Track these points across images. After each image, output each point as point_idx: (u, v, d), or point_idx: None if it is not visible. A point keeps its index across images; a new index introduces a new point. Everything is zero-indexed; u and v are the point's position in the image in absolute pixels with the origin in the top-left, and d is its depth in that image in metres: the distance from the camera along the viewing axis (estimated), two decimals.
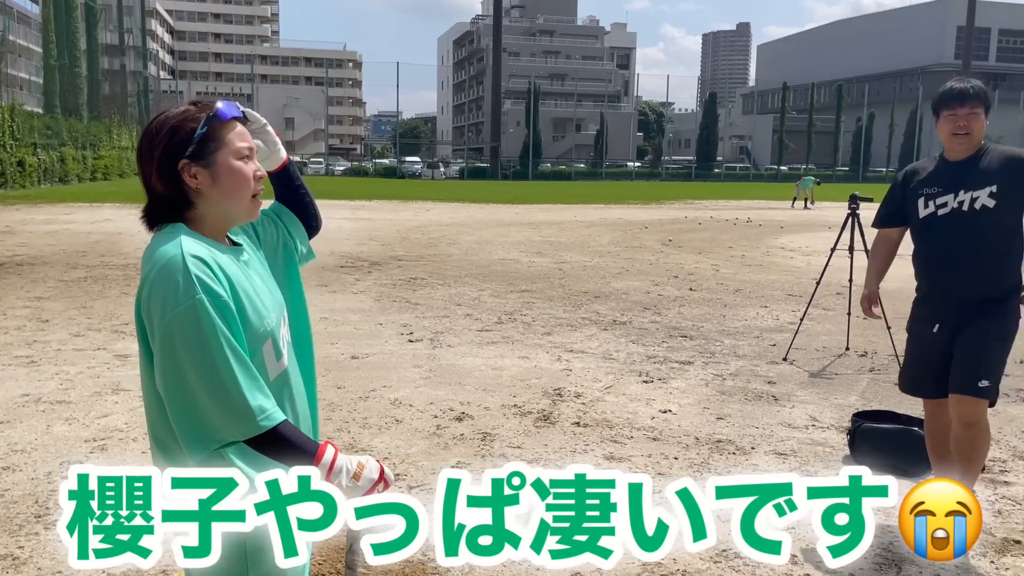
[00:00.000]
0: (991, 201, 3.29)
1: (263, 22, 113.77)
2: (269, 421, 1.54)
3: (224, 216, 1.67)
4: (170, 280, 1.50)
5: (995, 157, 3.35)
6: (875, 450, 4.23)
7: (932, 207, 3.41)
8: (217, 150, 1.62)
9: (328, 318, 7.89)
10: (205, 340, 1.49)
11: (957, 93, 3.34)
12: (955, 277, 3.39)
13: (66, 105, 38.67)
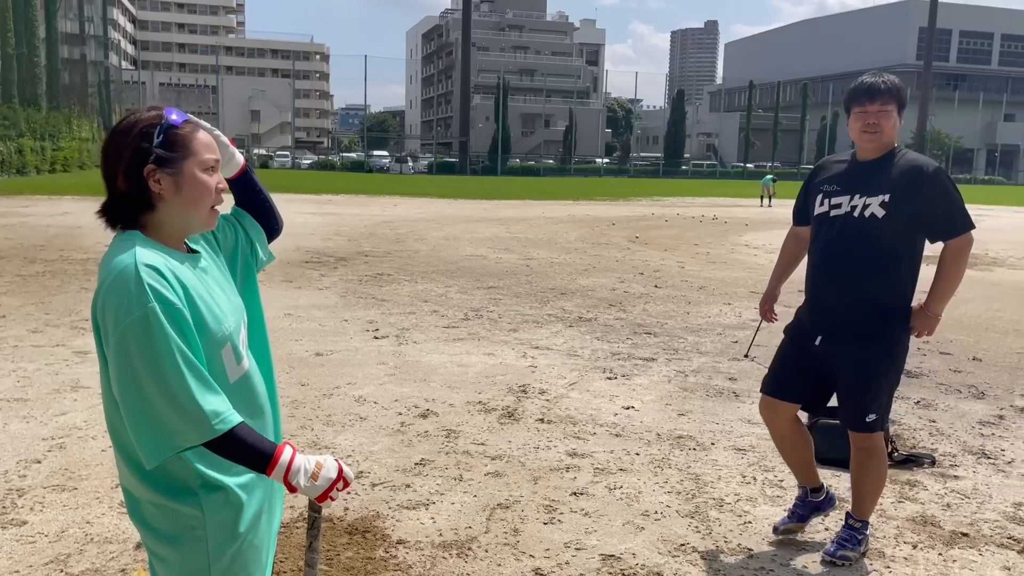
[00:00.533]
0: (880, 211, 3.03)
1: (228, 12, 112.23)
2: (224, 424, 1.56)
3: (183, 223, 1.70)
4: (123, 289, 1.52)
5: (900, 164, 3.09)
6: (831, 446, 4.32)
7: (827, 206, 3.18)
8: (185, 159, 1.65)
9: (292, 314, 7.85)
10: (157, 348, 1.51)
11: (867, 88, 3.08)
12: (836, 286, 3.14)
13: (24, 95, 37.82)
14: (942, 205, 3.04)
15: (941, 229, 3.08)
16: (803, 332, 3.27)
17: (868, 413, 3.09)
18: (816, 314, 3.22)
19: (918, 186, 3.01)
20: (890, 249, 3.06)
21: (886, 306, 3.10)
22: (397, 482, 3.91)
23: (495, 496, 3.78)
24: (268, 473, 1.60)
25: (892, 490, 4.00)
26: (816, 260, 3.21)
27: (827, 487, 3.52)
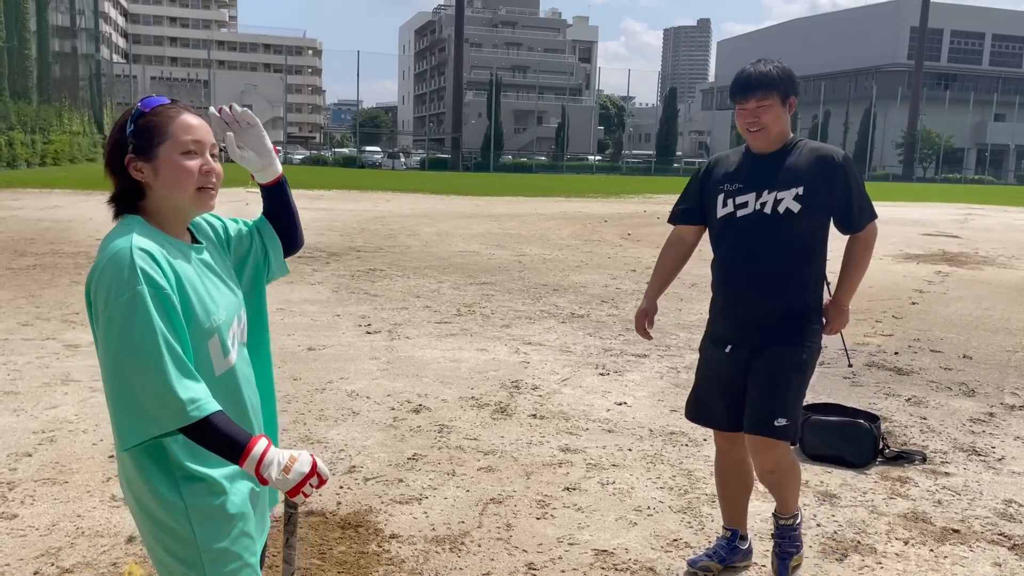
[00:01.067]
0: (796, 205, 2.80)
1: (220, 6, 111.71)
2: (199, 411, 1.56)
3: (173, 208, 1.72)
4: (116, 270, 1.56)
5: (805, 154, 2.86)
6: (822, 442, 4.34)
7: (731, 206, 2.89)
8: (160, 144, 1.67)
9: (285, 309, 7.82)
10: (140, 330, 1.53)
11: (742, 84, 2.83)
12: (751, 290, 2.87)
13: (15, 88, 37.52)
14: (856, 193, 2.87)
15: (857, 218, 2.90)
16: (714, 347, 3.03)
17: (778, 416, 2.82)
18: (729, 323, 2.96)
19: (830, 176, 2.82)
20: (806, 246, 2.87)
21: (801, 307, 2.89)
22: (390, 477, 3.91)
23: (488, 491, 3.78)
24: (240, 464, 1.59)
25: (884, 487, 4.02)
26: (728, 266, 2.94)
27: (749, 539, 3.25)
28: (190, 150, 1.69)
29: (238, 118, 1.86)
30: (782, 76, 2.82)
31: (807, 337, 2.89)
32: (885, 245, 16.31)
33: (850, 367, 6.37)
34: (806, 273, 2.89)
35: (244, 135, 1.87)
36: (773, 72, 2.81)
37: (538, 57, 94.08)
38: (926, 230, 20.09)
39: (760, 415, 2.85)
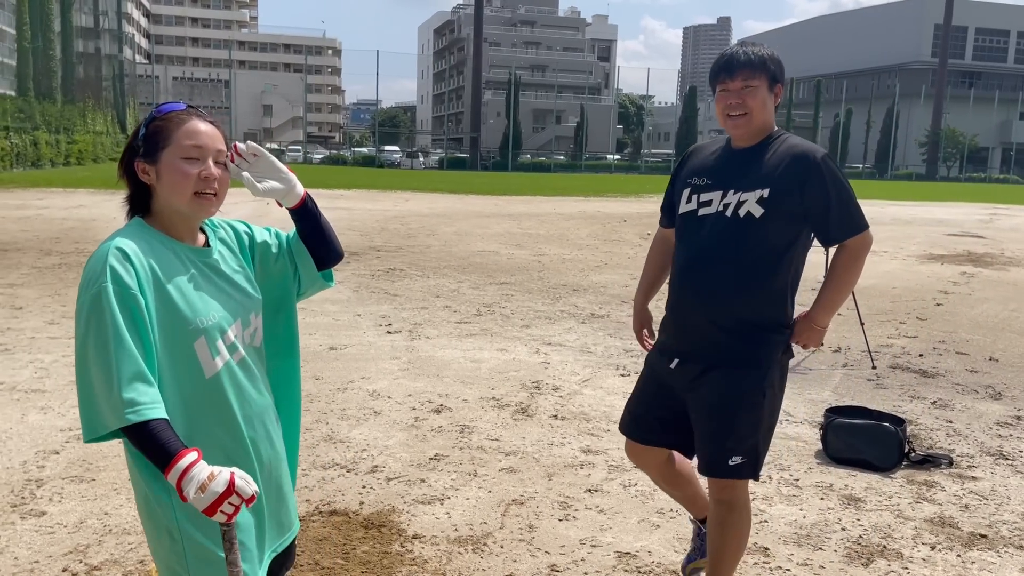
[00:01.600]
0: (758, 209, 2.46)
1: (241, 7, 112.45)
2: (136, 416, 1.56)
3: (174, 211, 1.76)
4: (91, 267, 1.65)
5: (780, 151, 2.52)
6: (847, 445, 4.31)
7: (695, 203, 2.59)
8: (164, 148, 1.73)
9: (306, 308, 7.86)
10: (97, 326, 1.59)
11: (725, 62, 2.52)
12: (700, 300, 2.55)
13: (39, 88, 38.01)
14: (836, 199, 2.48)
15: (836, 228, 2.52)
16: (660, 357, 2.70)
17: (732, 455, 2.49)
18: (676, 332, 2.65)
19: (804, 178, 2.46)
20: (769, 256, 2.50)
21: (761, 325, 2.52)
22: (412, 477, 3.92)
23: (510, 492, 3.78)
24: (166, 475, 1.57)
25: (910, 491, 3.98)
26: (680, 269, 2.64)
27: None
28: (191, 156, 1.73)
29: (244, 155, 1.85)
30: (772, 59, 2.53)
31: (769, 360, 2.52)
32: (909, 245, 16.15)
33: (874, 369, 6.31)
34: (771, 287, 2.50)
35: (257, 166, 1.87)
36: (763, 53, 2.53)
37: (557, 56, 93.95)
38: (950, 230, 19.87)
39: (712, 455, 2.54)
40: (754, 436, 2.52)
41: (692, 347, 2.58)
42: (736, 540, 2.67)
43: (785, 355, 2.59)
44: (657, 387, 2.72)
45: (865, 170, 75.80)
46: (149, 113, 1.78)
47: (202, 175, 1.74)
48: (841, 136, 76.38)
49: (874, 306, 9.02)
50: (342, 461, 4.07)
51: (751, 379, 2.51)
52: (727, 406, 2.51)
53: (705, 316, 2.54)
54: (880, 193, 41.82)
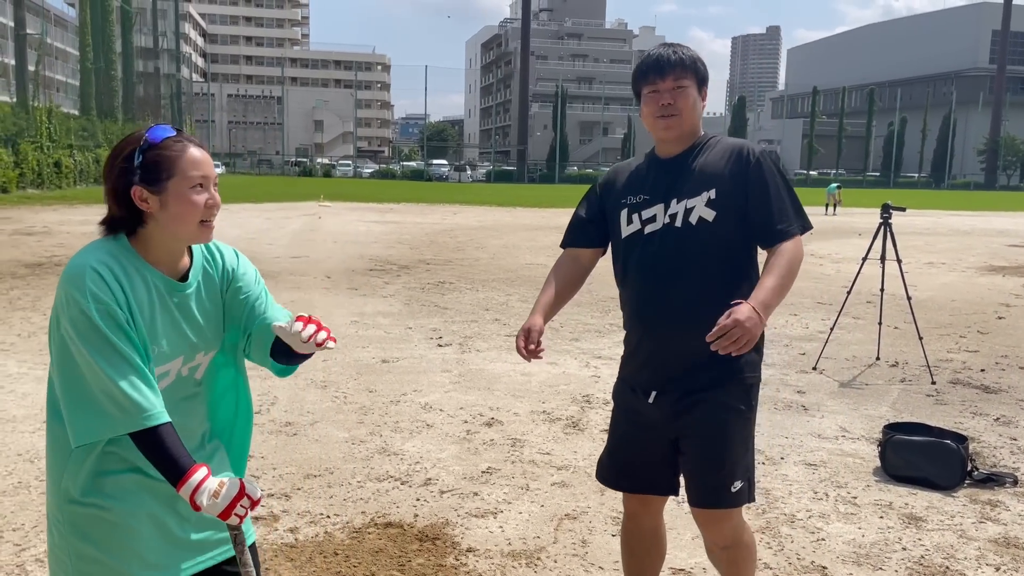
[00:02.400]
0: (709, 212, 2.31)
1: (293, 25, 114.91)
2: (150, 421, 1.65)
3: (171, 238, 1.78)
4: (70, 283, 1.66)
5: (717, 150, 2.39)
6: (906, 463, 4.22)
7: (637, 222, 2.40)
8: (170, 178, 1.73)
9: (359, 321, 7.98)
10: (89, 338, 1.63)
11: (654, 61, 2.38)
12: (670, 322, 2.35)
13: (101, 107, 39.36)
14: (774, 195, 2.32)
15: (774, 228, 2.31)
16: (634, 395, 2.47)
17: (734, 481, 2.33)
18: (645, 364, 2.43)
19: (743, 173, 2.32)
20: (728, 260, 2.35)
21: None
22: (465, 490, 3.95)
23: (562, 506, 3.79)
24: (178, 488, 1.65)
25: (973, 510, 3.88)
26: (635, 293, 2.43)
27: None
28: (198, 184, 1.75)
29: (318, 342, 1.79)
30: (698, 60, 2.40)
31: (745, 371, 2.35)
32: (968, 257, 15.74)
33: (933, 384, 6.17)
34: (736, 293, 2.27)
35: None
36: (692, 53, 2.40)
37: (604, 68, 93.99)
38: (1011, 241, 19.30)
39: (710, 484, 2.35)
40: (747, 455, 2.39)
41: (669, 375, 2.37)
42: (751, 570, 2.53)
43: (758, 362, 2.39)
44: (636, 428, 2.47)
45: (921, 179, 74.09)
46: (138, 137, 1.74)
47: (208, 203, 1.77)
48: (895, 145, 74.82)
49: (933, 319, 8.81)
50: (396, 473, 4.13)
51: (735, 398, 2.35)
52: (719, 433, 2.33)
53: (677, 338, 2.34)
54: (937, 203, 40.82)
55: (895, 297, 7.62)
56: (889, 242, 6.64)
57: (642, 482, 2.51)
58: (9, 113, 28.97)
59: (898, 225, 7.58)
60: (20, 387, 5.42)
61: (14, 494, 3.73)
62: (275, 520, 3.53)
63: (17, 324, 7.39)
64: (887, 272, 6.78)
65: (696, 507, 2.39)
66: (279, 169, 67.46)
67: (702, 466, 2.36)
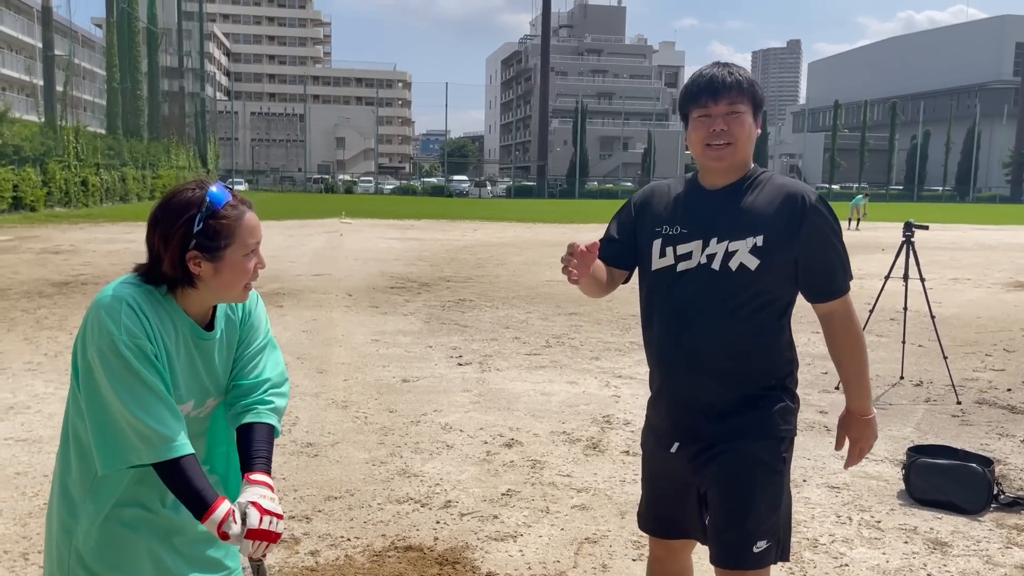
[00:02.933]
0: (752, 260, 2.09)
1: (315, 44, 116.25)
2: (172, 452, 1.67)
3: (214, 299, 1.81)
4: (103, 311, 1.68)
5: (768, 191, 2.16)
6: (931, 486, 4.16)
7: (671, 256, 2.19)
8: (228, 246, 1.74)
9: (379, 340, 8.02)
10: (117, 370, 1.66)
11: (707, 82, 2.14)
12: (697, 372, 2.16)
13: (127, 126, 39.98)
14: (831, 252, 2.15)
15: (827, 287, 2.16)
16: (656, 442, 2.33)
17: (756, 540, 2.13)
18: (669, 412, 2.26)
19: (797, 222, 2.11)
20: (764, 311, 2.15)
21: (768, 387, 2.17)
22: (485, 513, 3.95)
23: (583, 530, 3.78)
24: (203, 520, 1.68)
25: (999, 535, 3.82)
26: (661, 335, 2.23)
27: None
28: (253, 249, 1.78)
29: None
30: (755, 83, 2.18)
31: (778, 423, 2.17)
32: (994, 272, 15.54)
33: (958, 404, 6.09)
34: (771, 346, 2.17)
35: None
36: (749, 75, 2.18)
37: (623, 83, 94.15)
38: None
39: (730, 542, 2.15)
40: (776, 513, 2.17)
41: (691, 425, 2.20)
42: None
43: (793, 419, 2.22)
44: (662, 477, 2.33)
45: (945, 193, 73.38)
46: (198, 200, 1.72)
47: (256, 268, 1.80)
48: (919, 158, 74.23)
49: (957, 337, 8.71)
50: (416, 496, 4.14)
51: (766, 450, 2.15)
52: (744, 488, 2.13)
53: (703, 388, 2.17)
54: (962, 217, 40.39)
55: (919, 314, 7.54)
56: (912, 260, 6.58)
57: (671, 529, 2.36)
58: (37, 133, 29.49)
59: (922, 240, 7.52)
60: (47, 407, 5.50)
61: (40, 515, 3.77)
62: (296, 543, 3.55)
63: (44, 343, 7.51)
64: (910, 289, 6.72)
65: (718, 567, 2.19)
66: (301, 186, 68.09)
67: (722, 522, 2.16)
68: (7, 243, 17.12)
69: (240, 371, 1.91)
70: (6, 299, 9.91)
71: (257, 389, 1.90)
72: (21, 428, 5.05)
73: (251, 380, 1.90)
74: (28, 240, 17.92)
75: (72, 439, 1.78)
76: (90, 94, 52.07)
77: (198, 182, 1.78)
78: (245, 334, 1.93)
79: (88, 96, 51.41)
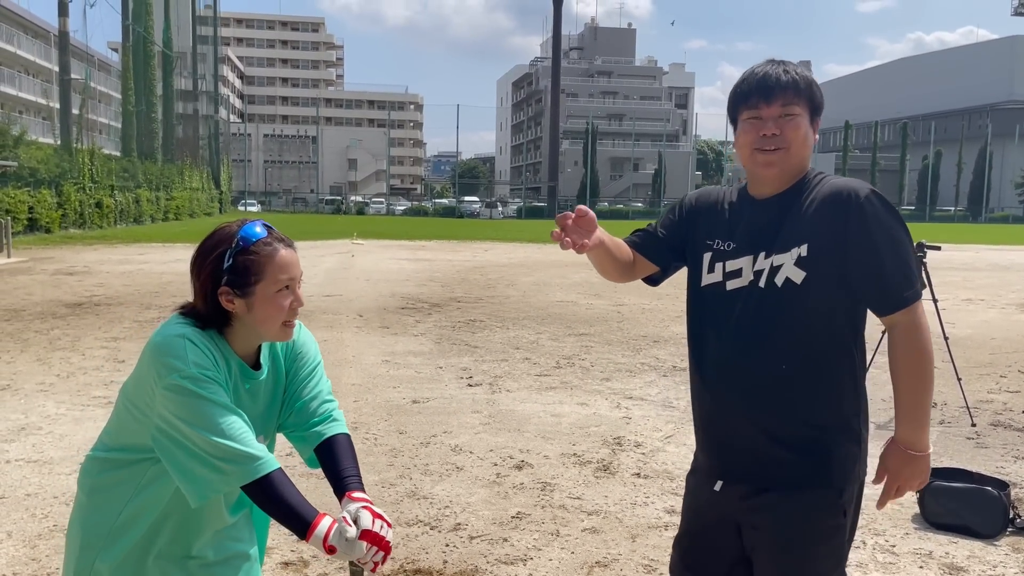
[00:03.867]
0: (798, 273, 1.87)
1: (328, 66, 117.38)
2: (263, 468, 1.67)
3: (254, 337, 1.82)
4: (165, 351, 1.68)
5: (819, 195, 1.92)
6: (947, 510, 4.11)
7: (719, 273, 2.00)
8: (258, 282, 1.75)
9: (390, 360, 8.02)
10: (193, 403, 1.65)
11: (759, 81, 1.93)
12: (745, 400, 1.94)
13: (142, 148, 40.37)
14: (888, 251, 1.86)
15: (887, 293, 1.88)
16: (700, 479, 2.11)
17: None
18: (715, 447, 2.05)
19: (843, 223, 1.86)
20: (822, 330, 1.90)
21: (827, 427, 1.92)
22: (494, 535, 3.92)
23: (593, 553, 3.74)
24: (307, 538, 1.67)
25: (1016, 560, 3.77)
26: (707, 357, 2.04)
27: None
28: (285, 286, 1.78)
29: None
30: (813, 83, 1.96)
31: (838, 468, 1.92)
32: (1008, 293, 15.43)
33: (973, 426, 6.03)
34: (829, 374, 1.91)
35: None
36: (806, 74, 1.97)
37: (634, 105, 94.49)
38: None
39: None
40: (836, 572, 1.96)
41: (739, 464, 1.98)
42: None
43: (858, 468, 1.96)
44: (704, 513, 2.07)
45: (957, 213, 73.07)
46: (230, 236, 1.76)
47: (293, 306, 1.81)
48: (931, 178, 74.05)
49: (972, 358, 8.63)
50: (425, 518, 4.12)
51: (826, 501, 1.90)
52: (799, 540, 1.89)
53: (753, 423, 1.94)
54: (975, 237, 40.18)
55: (933, 335, 7.49)
56: (925, 280, 6.54)
57: (696, 566, 2.09)
58: (53, 155, 29.83)
59: (936, 260, 7.47)
60: (58, 428, 5.52)
61: (49, 537, 3.78)
62: (305, 566, 3.54)
63: (56, 364, 7.54)
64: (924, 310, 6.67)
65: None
66: (313, 207, 68.48)
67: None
68: (22, 264, 17.27)
69: (294, 395, 1.94)
70: (20, 320, 9.98)
71: (315, 403, 1.94)
72: (32, 449, 5.06)
73: (307, 399, 1.94)
74: (43, 261, 18.07)
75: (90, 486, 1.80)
76: (106, 117, 52.69)
77: (239, 221, 1.81)
78: (291, 365, 1.94)
79: (104, 119, 52.00)
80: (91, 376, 7.10)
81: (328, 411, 1.95)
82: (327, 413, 1.94)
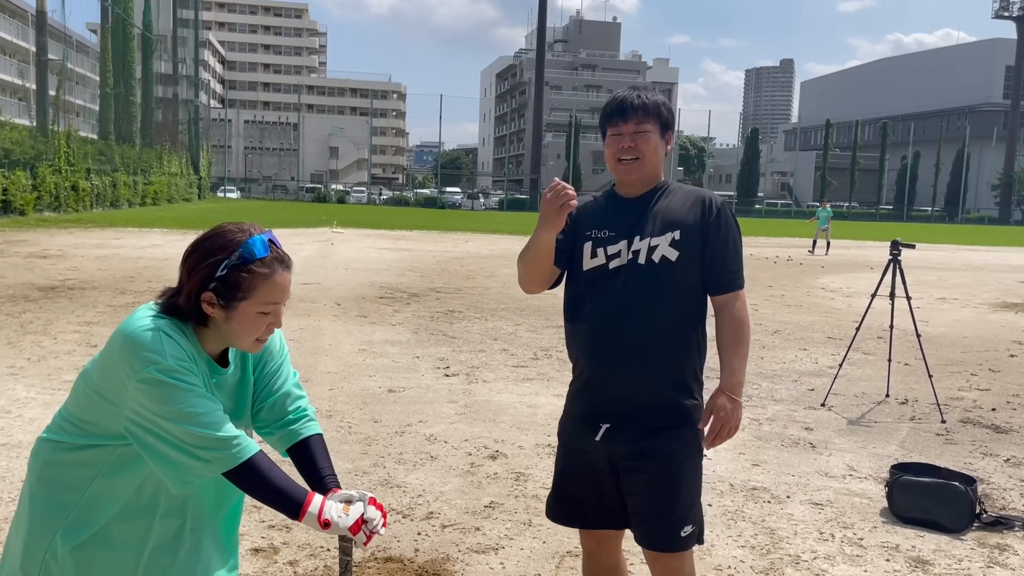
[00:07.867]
0: (672, 252, 2.37)
1: (311, 53, 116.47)
2: (242, 453, 1.68)
3: (224, 343, 1.82)
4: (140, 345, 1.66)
5: (678, 197, 2.46)
6: (914, 505, 4.17)
7: (602, 256, 2.42)
8: (244, 300, 1.74)
9: (367, 350, 7.99)
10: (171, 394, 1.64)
11: (617, 105, 2.45)
12: (628, 358, 2.37)
13: (120, 132, 39.86)
14: (730, 247, 2.44)
15: (725, 278, 2.43)
16: (580, 430, 2.47)
17: (685, 524, 2.36)
18: (596, 400, 2.43)
19: (704, 220, 2.41)
20: (686, 300, 2.41)
21: (687, 379, 2.42)
22: (467, 524, 3.93)
23: (564, 543, 3.76)
24: (300, 519, 1.68)
25: (981, 554, 3.83)
26: (594, 327, 2.41)
27: None
28: (267, 310, 1.78)
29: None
30: (663, 105, 2.47)
31: (694, 414, 2.42)
32: (981, 292, 15.63)
33: (943, 423, 6.11)
34: (690, 336, 2.42)
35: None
36: (656, 98, 2.47)
37: None
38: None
39: (660, 529, 2.37)
40: (696, 501, 2.42)
41: (621, 412, 2.39)
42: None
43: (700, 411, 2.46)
44: (583, 464, 2.46)
45: (934, 213, 73.93)
46: (232, 241, 1.74)
47: (270, 327, 1.80)
48: (909, 178, 74.81)
49: (943, 356, 8.74)
50: (398, 506, 4.11)
51: (690, 442, 2.40)
52: (670, 474, 2.36)
53: (633, 375, 2.37)
54: (950, 237, 40.67)
55: (906, 333, 7.57)
56: (899, 279, 6.61)
57: (594, 518, 2.50)
58: (28, 136, 29.38)
59: (911, 259, 7.56)
60: (27, 412, 5.45)
61: None
62: (275, 552, 3.52)
63: (27, 348, 7.45)
64: (897, 307, 6.75)
65: (645, 548, 2.43)
66: (294, 195, 68.01)
67: (654, 510, 2.38)
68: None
69: (264, 390, 1.93)
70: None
71: (288, 399, 1.94)
72: (0, 433, 5.00)
73: (277, 395, 1.94)
74: (16, 244, 17.81)
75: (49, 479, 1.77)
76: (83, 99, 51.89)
77: (247, 227, 1.78)
78: (258, 361, 1.94)
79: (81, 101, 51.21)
80: (62, 360, 7.01)
81: (302, 409, 1.96)
82: (301, 411, 1.95)
